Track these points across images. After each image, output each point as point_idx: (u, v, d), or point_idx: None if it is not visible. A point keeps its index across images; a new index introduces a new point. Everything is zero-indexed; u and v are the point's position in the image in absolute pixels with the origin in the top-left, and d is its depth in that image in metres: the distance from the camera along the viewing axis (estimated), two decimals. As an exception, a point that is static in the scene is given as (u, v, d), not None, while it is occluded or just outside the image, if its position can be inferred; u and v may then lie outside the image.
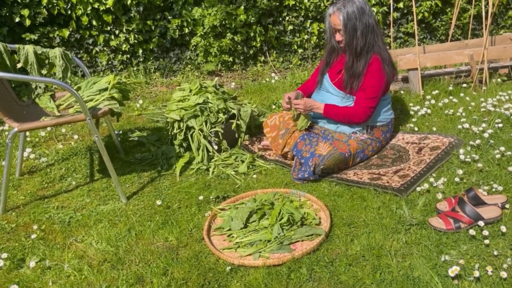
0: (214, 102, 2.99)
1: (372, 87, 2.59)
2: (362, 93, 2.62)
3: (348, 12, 2.51)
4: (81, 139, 3.41)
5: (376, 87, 2.60)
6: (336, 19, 2.56)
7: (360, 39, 2.55)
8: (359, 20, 2.53)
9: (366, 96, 2.60)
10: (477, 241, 1.86)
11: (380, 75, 2.60)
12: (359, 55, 2.59)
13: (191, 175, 2.77)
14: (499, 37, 3.87)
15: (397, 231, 2.01)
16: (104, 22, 4.54)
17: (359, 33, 2.54)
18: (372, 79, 2.59)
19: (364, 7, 2.54)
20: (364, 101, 2.61)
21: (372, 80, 2.59)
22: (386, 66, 2.62)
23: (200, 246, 2.09)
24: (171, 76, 4.86)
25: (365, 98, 2.60)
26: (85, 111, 2.28)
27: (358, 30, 2.54)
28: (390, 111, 2.80)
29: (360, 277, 1.78)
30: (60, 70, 2.63)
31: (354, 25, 2.53)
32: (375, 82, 2.59)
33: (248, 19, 4.65)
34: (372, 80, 2.59)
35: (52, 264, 2.01)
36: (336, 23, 2.57)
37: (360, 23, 2.53)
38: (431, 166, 2.47)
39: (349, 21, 2.52)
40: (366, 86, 2.60)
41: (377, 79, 2.59)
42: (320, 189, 2.47)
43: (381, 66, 2.59)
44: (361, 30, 2.54)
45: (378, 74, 2.59)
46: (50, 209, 2.47)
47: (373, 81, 2.59)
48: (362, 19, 2.53)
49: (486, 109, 3.09)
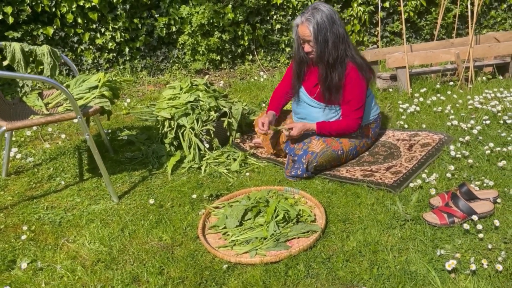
0: (205, 100, 2.97)
1: (355, 98, 2.55)
2: (348, 106, 2.57)
3: (318, 22, 2.38)
4: (69, 139, 3.34)
5: (359, 97, 2.55)
6: (305, 30, 2.42)
7: (332, 50, 2.44)
8: (329, 31, 2.40)
9: (353, 108, 2.56)
10: (471, 235, 1.89)
11: (360, 84, 2.54)
12: (332, 67, 2.49)
13: (183, 173, 2.75)
14: (483, 36, 3.95)
15: (392, 226, 2.03)
16: (90, 20, 4.48)
17: (330, 44, 2.42)
18: (353, 90, 2.53)
19: (334, 16, 2.43)
20: (352, 113, 2.57)
21: (354, 91, 2.54)
22: (364, 73, 2.55)
23: (195, 245, 2.07)
24: (158, 75, 4.82)
25: (352, 110, 2.56)
26: (76, 109, 2.24)
27: (330, 41, 2.42)
28: (376, 106, 2.78)
29: (358, 273, 1.78)
30: (48, 67, 2.58)
31: (325, 36, 2.40)
32: (358, 92, 2.54)
33: (236, 18, 4.64)
34: (354, 91, 2.54)
35: (44, 265, 1.96)
36: (306, 34, 2.43)
37: (331, 33, 2.41)
38: (423, 162, 2.50)
39: (319, 32, 2.40)
40: (350, 98, 2.55)
41: (358, 89, 2.54)
42: (314, 186, 2.47)
43: (359, 75, 2.52)
44: (333, 41, 2.42)
45: (358, 83, 2.53)
46: (40, 209, 2.41)
47: (355, 92, 2.54)
48: (332, 29, 2.41)
49: (473, 107, 3.14)
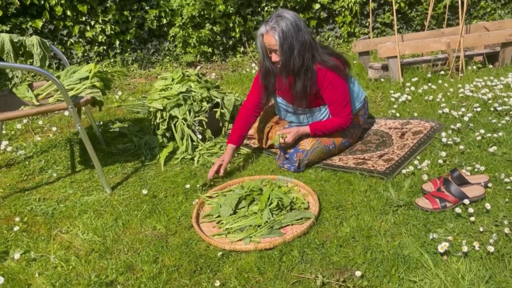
0: (198, 90, 2.96)
1: (340, 97, 2.50)
2: (335, 105, 2.52)
3: (283, 30, 2.27)
4: (60, 131, 3.32)
5: (343, 95, 2.50)
6: (271, 39, 2.31)
7: (297, 58, 2.34)
8: (295, 39, 2.30)
9: (341, 107, 2.52)
10: (463, 219, 1.91)
11: (339, 81, 2.48)
12: (297, 75, 2.41)
13: (176, 164, 2.74)
14: (473, 25, 3.97)
15: (385, 212, 2.05)
16: (79, 13, 4.44)
17: (296, 53, 2.32)
18: (335, 90, 2.48)
19: (299, 23, 2.32)
20: (341, 111, 2.53)
21: (336, 91, 2.48)
22: (339, 71, 2.48)
23: (190, 234, 2.07)
24: (149, 68, 4.79)
25: (340, 108, 2.52)
26: (67, 99, 2.22)
27: (295, 49, 2.32)
28: (360, 90, 2.72)
29: (352, 257, 1.80)
30: (38, 58, 2.55)
31: (291, 44, 2.31)
32: (340, 92, 2.49)
33: (227, 10, 4.62)
34: (336, 92, 2.48)
35: (37, 256, 1.95)
36: (272, 43, 2.32)
37: (297, 41, 2.31)
38: (415, 149, 2.52)
39: (285, 41, 2.29)
40: (334, 99, 2.50)
41: (340, 88, 2.49)
42: (307, 175, 2.48)
43: (336, 75, 2.45)
44: (298, 49, 2.32)
45: (337, 83, 2.47)
46: (32, 201, 2.40)
47: (338, 91, 2.49)
48: (298, 37, 2.31)
49: (464, 95, 3.17)
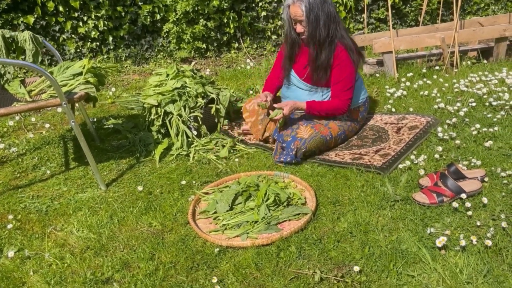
0: (192, 86, 2.93)
1: (345, 79, 2.56)
2: (338, 86, 2.58)
3: (310, 1, 2.40)
4: (53, 128, 3.28)
5: (348, 78, 2.56)
6: (297, 10, 2.44)
7: (323, 29, 2.45)
8: (321, 10, 2.42)
9: (343, 89, 2.57)
10: (460, 213, 1.91)
11: (349, 65, 2.55)
12: (322, 46, 2.51)
13: (171, 161, 2.72)
14: (468, 21, 3.97)
15: (382, 207, 2.04)
16: (72, 8, 4.38)
17: (321, 24, 2.44)
18: (343, 71, 2.55)
19: None
20: (342, 94, 2.58)
21: (343, 72, 2.55)
22: (352, 54, 2.56)
23: (186, 230, 2.05)
24: (143, 64, 4.75)
25: (342, 91, 2.58)
26: (61, 95, 2.19)
27: (321, 20, 2.43)
28: (364, 90, 2.80)
29: (349, 253, 1.79)
30: (30, 54, 2.52)
31: (317, 15, 2.42)
32: (347, 73, 2.55)
33: (221, 5, 4.59)
34: (344, 73, 2.55)
35: (31, 254, 1.93)
36: (298, 13, 2.45)
37: (322, 12, 2.43)
38: (411, 144, 2.52)
39: (311, 11, 2.41)
40: (340, 79, 2.56)
41: (347, 70, 2.55)
42: (303, 171, 2.47)
43: (348, 56, 2.54)
44: (324, 20, 2.44)
45: (347, 64, 2.54)
46: (25, 198, 2.36)
47: (345, 73, 2.55)
48: (323, 8, 2.43)
49: (459, 90, 3.17)
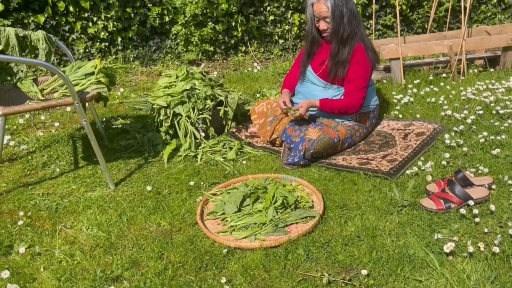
0: (202, 88, 2.96)
1: (361, 77, 2.62)
2: (353, 84, 2.63)
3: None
4: (62, 127, 3.31)
5: (364, 76, 2.63)
6: (322, 7, 2.54)
7: (347, 25, 2.55)
8: (345, 6, 2.52)
9: (357, 87, 2.62)
10: (467, 220, 1.93)
11: (366, 63, 2.63)
12: (345, 42, 2.60)
13: (179, 161, 2.74)
14: (475, 29, 4.00)
15: (389, 212, 2.06)
16: (82, 9, 4.42)
17: (345, 20, 2.54)
18: (359, 69, 2.61)
19: None
20: (356, 92, 2.62)
21: (360, 70, 2.61)
22: (370, 53, 2.65)
23: (194, 230, 2.07)
24: (150, 65, 4.78)
25: (356, 89, 2.62)
26: (73, 94, 2.22)
27: (345, 16, 2.53)
28: (375, 97, 2.85)
29: (357, 256, 1.81)
30: (43, 53, 2.55)
31: (342, 12, 2.52)
32: (363, 72, 2.62)
33: (229, 8, 4.63)
34: (360, 70, 2.61)
35: (42, 250, 1.95)
36: (323, 10, 2.55)
37: (346, 9, 2.53)
38: (418, 150, 2.53)
39: (336, 8, 2.52)
40: (355, 76, 2.62)
41: (364, 68, 2.62)
42: (310, 174, 2.49)
43: (365, 54, 2.61)
44: (348, 17, 2.54)
45: (364, 63, 2.61)
46: (35, 196, 2.39)
47: (361, 71, 2.61)
48: (347, 5, 2.54)
49: (466, 97, 3.19)
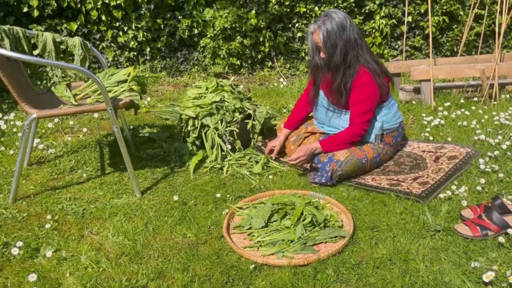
0: (231, 101, 2.96)
1: (365, 101, 2.53)
2: (356, 108, 2.55)
3: (327, 29, 2.44)
4: (90, 133, 3.33)
5: (368, 100, 2.53)
6: (317, 38, 2.49)
7: (339, 55, 2.48)
8: (339, 37, 2.45)
9: (360, 112, 2.54)
10: (505, 249, 1.85)
11: (371, 87, 2.52)
12: (337, 71, 2.53)
13: (205, 173, 2.73)
14: (508, 54, 3.93)
15: (422, 236, 2.00)
16: (114, 18, 4.50)
17: (338, 50, 2.47)
18: (361, 94, 2.52)
19: (345, 22, 2.46)
20: (358, 117, 2.55)
21: (362, 94, 2.52)
22: (377, 78, 2.54)
23: (220, 244, 2.04)
24: (177, 76, 4.82)
25: (358, 114, 2.54)
26: (107, 100, 2.23)
27: (338, 46, 2.46)
28: (398, 114, 2.74)
29: (389, 280, 1.75)
30: (78, 59, 2.57)
31: (334, 42, 2.46)
32: (367, 96, 2.52)
33: (258, 24, 4.66)
34: (363, 95, 2.52)
35: (68, 255, 1.93)
36: (317, 41, 2.50)
37: (340, 39, 2.45)
38: (451, 174, 2.47)
39: (328, 39, 2.45)
40: (358, 101, 2.54)
41: (368, 91, 2.52)
42: (338, 193, 2.44)
43: (371, 79, 2.51)
44: (341, 47, 2.47)
45: (368, 86, 2.51)
46: (62, 200, 2.39)
47: (363, 96, 2.52)
48: (342, 36, 2.45)
49: (499, 123, 3.12)
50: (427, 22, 4.88)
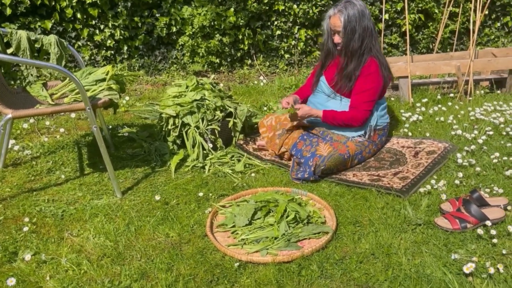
0: (212, 99, 2.94)
1: (370, 90, 2.62)
2: (359, 96, 2.63)
3: (349, 14, 2.54)
4: (67, 133, 3.26)
5: (373, 90, 2.63)
6: (337, 21, 2.57)
7: (357, 41, 2.57)
8: (358, 23, 2.55)
9: (364, 100, 2.62)
10: (484, 241, 1.90)
11: (377, 78, 2.63)
12: (352, 57, 2.62)
13: (187, 172, 2.70)
14: (482, 51, 4.03)
15: (403, 230, 2.03)
16: (90, 16, 4.42)
17: (356, 36, 2.56)
18: (370, 82, 2.62)
19: (364, 10, 2.58)
20: (362, 104, 2.63)
21: (370, 83, 2.62)
22: (384, 70, 2.66)
23: (204, 243, 2.02)
24: (156, 75, 4.76)
25: (363, 101, 2.62)
26: (86, 99, 2.19)
27: (357, 32, 2.56)
28: (387, 115, 2.84)
29: (373, 274, 1.77)
30: (54, 57, 2.52)
31: (354, 28, 2.55)
32: (373, 85, 2.62)
33: (237, 21, 4.64)
34: (370, 83, 2.62)
35: (47, 258, 1.89)
36: (337, 24, 2.58)
37: (359, 26, 2.55)
38: (430, 169, 2.51)
39: (349, 24, 2.55)
40: (364, 89, 2.62)
41: (374, 82, 2.62)
42: (320, 189, 2.46)
43: (378, 69, 2.62)
44: (359, 33, 2.56)
45: (375, 77, 2.62)
46: (40, 202, 2.33)
47: (371, 84, 2.62)
48: (361, 23, 2.56)
49: (475, 118, 3.19)
50: (403, 20, 4.96)
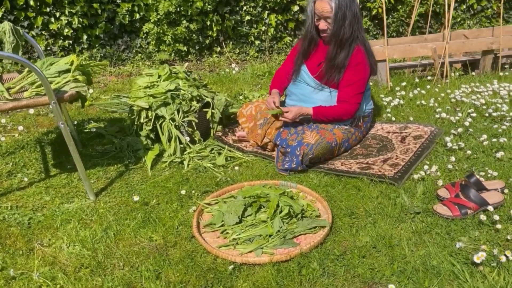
0: (187, 89, 2.74)
1: (359, 82, 2.48)
2: (351, 89, 2.49)
3: None
4: (27, 131, 2.98)
5: (362, 81, 2.50)
6: (325, 6, 2.36)
7: (347, 28, 2.39)
8: (348, 9, 2.37)
9: (355, 92, 2.49)
10: (486, 227, 1.83)
11: (365, 68, 2.49)
12: (343, 46, 2.45)
13: (164, 168, 2.51)
14: (454, 33, 4.02)
15: (402, 220, 1.94)
16: (43, 3, 4.08)
17: (347, 23, 2.38)
18: (358, 73, 2.48)
19: None
20: (352, 97, 2.49)
21: (358, 75, 2.48)
22: (370, 57, 2.53)
23: (192, 245, 1.86)
24: (119, 65, 4.48)
25: (354, 94, 2.49)
26: (50, 93, 1.95)
27: (347, 19, 2.38)
28: (371, 101, 2.74)
29: (378, 269, 1.66)
30: (10, 47, 2.26)
31: (345, 14, 2.37)
32: (362, 76, 2.49)
33: (204, 7, 4.42)
34: (358, 75, 2.48)
35: (17, 274, 1.67)
36: (325, 10, 2.37)
37: (349, 11, 2.37)
38: (419, 154, 2.44)
39: (340, 9, 2.35)
40: (353, 81, 2.48)
41: (362, 72, 2.49)
42: (309, 180, 2.34)
43: (365, 59, 2.49)
44: (350, 20, 2.38)
45: (363, 67, 2.48)
46: (2, 209, 2.09)
47: (359, 75, 2.48)
48: (351, 8, 2.38)
49: (455, 100, 3.16)
50: (373, 3, 4.89)
